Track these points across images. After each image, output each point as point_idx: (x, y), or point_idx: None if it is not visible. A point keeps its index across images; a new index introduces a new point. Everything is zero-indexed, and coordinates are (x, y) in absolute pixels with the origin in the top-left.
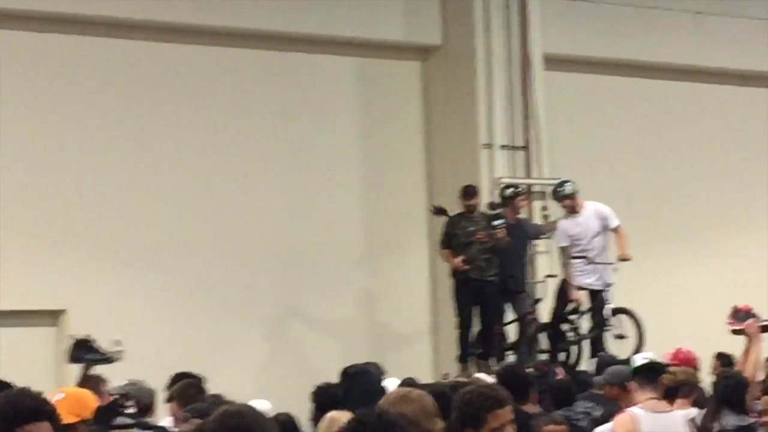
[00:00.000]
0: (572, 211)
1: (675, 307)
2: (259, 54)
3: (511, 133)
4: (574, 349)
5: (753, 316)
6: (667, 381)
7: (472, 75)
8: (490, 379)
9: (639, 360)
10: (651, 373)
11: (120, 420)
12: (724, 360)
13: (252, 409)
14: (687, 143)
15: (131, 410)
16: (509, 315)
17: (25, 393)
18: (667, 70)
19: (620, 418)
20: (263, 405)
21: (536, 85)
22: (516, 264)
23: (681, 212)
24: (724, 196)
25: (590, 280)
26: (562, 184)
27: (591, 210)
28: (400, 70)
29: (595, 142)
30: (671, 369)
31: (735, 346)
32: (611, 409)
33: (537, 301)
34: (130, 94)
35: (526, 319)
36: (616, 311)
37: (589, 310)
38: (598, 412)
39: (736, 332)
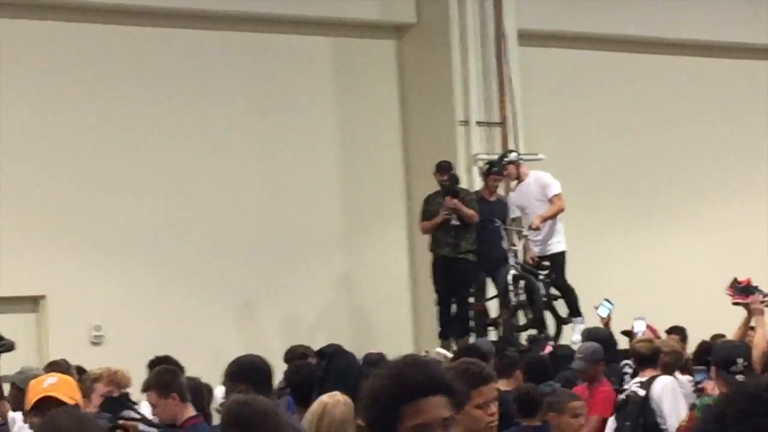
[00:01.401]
0: (516, 178)
1: (653, 280)
2: (233, 35)
3: (487, 110)
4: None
5: (753, 288)
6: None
7: (447, 52)
8: (449, 355)
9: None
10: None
11: (126, 413)
12: (678, 334)
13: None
14: (664, 117)
15: None
16: (492, 291)
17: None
18: (643, 43)
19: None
20: None
21: (511, 61)
22: (494, 240)
23: (659, 186)
24: (702, 170)
25: (537, 249)
26: (506, 152)
27: (533, 178)
28: (376, 49)
29: (571, 117)
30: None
31: (714, 318)
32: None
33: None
34: (104, 79)
35: (506, 295)
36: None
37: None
38: None
39: (737, 304)
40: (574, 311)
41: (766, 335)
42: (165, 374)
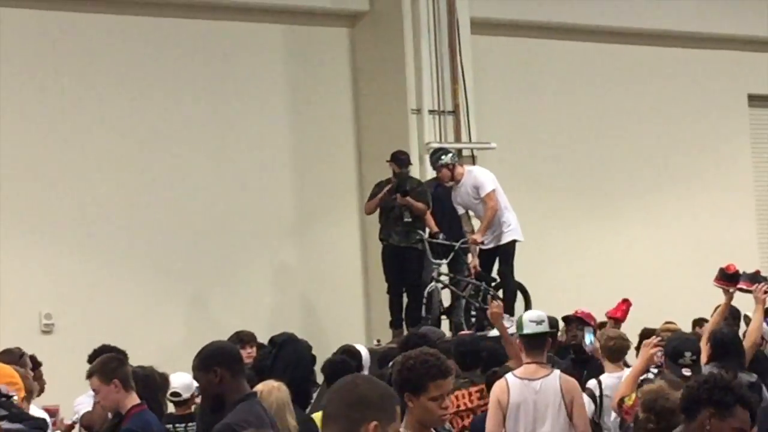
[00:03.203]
0: (449, 180)
1: (607, 271)
2: (185, 22)
3: (439, 98)
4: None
5: (760, 277)
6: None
7: (399, 41)
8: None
9: (527, 324)
10: (540, 336)
11: None
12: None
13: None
14: (617, 106)
15: None
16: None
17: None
18: (595, 32)
19: (496, 385)
20: (184, 378)
21: (464, 50)
22: (450, 228)
23: (610, 177)
24: (653, 161)
25: (491, 244)
26: (439, 154)
27: (467, 178)
28: (328, 37)
29: (524, 106)
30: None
31: (662, 309)
32: None
33: (464, 264)
34: (53, 65)
35: (460, 284)
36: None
37: None
38: None
39: (741, 290)
40: (507, 307)
41: (761, 324)
42: (109, 362)
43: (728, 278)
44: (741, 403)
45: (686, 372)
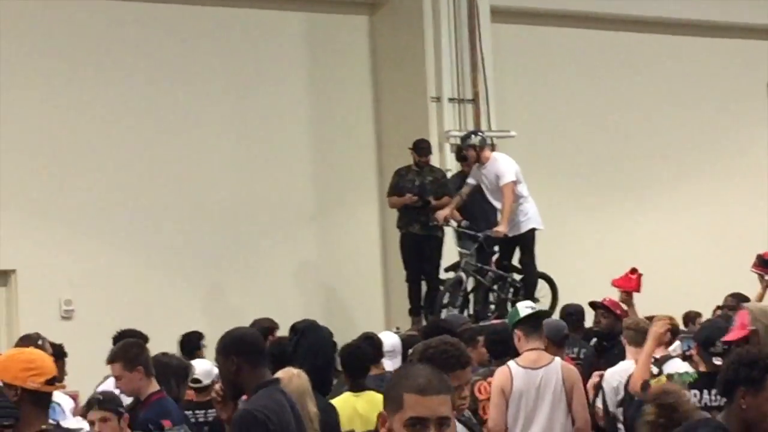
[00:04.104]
0: (474, 161)
1: (627, 258)
2: (205, 10)
3: (459, 86)
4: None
5: None
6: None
7: (419, 28)
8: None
9: (523, 309)
10: (535, 321)
11: None
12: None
13: None
14: (637, 94)
15: None
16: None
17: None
18: (615, 21)
19: (499, 372)
20: (204, 364)
21: (484, 38)
22: (475, 216)
23: (631, 164)
24: (674, 148)
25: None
26: (469, 133)
27: (493, 164)
28: (348, 25)
29: (543, 94)
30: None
31: (683, 296)
32: None
33: (494, 253)
34: (73, 53)
35: (482, 271)
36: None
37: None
38: None
39: None
40: (527, 295)
41: None
42: (132, 347)
43: (766, 264)
44: None
45: (717, 361)
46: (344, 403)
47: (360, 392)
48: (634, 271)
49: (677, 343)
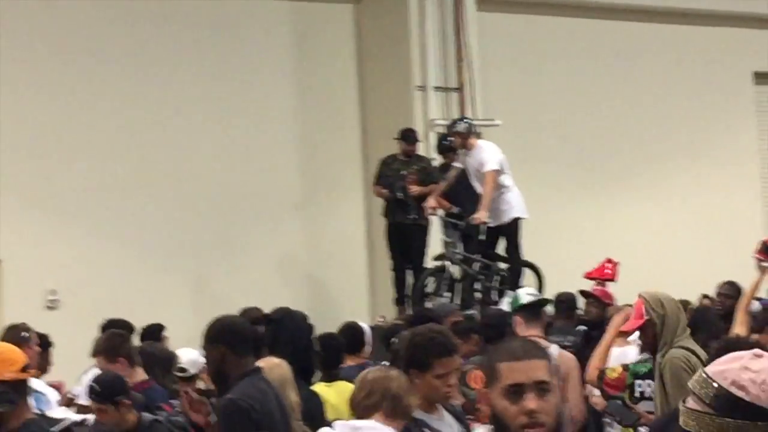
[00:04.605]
0: (460, 147)
1: (613, 247)
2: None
3: (444, 75)
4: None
5: None
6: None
7: (404, 17)
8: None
9: (524, 296)
10: (535, 308)
11: None
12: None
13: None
14: (622, 83)
15: None
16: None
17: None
18: (601, 9)
19: None
20: (190, 354)
21: (469, 26)
22: (463, 204)
23: (617, 153)
24: (661, 137)
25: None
26: (456, 120)
27: (478, 152)
28: (333, 13)
29: (529, 82)
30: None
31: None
32: None
33: (482, 242)
34: (58, 44)
35: (468, 260)
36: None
37: None
38: None
39: None
40: (512, 284)
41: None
42: (113, 338)
43: None
44: None
45: None
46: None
47: (332, 382)
48: (609, 261)
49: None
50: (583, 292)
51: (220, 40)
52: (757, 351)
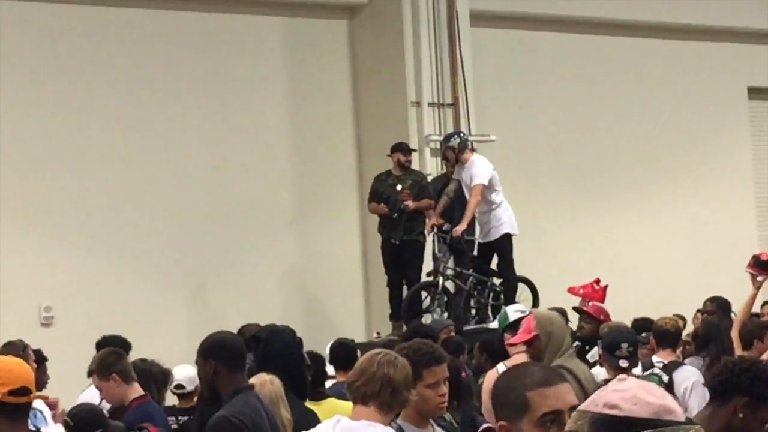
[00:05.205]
0: (454, 162)
1: (607, 264)
2: (182, 15)
3: (439, 91)
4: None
5: None
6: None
7: (399, 33)
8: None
9: (512, 313)
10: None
11: None
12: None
13: None
14: (616, 98)
15: None
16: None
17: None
18: (595, 24)
19: (489, 374)
20: (188, 370)
21: (463, 42)
22: (459, 219)
23: (611, 169)
24: (655, 152)
25: (481, 239)
26: (450, 135)
27: (470, 165)
28: (327, 30)
29: (523, 98)
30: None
31: (661, 301)
32: None
33: (475, 258)
34: (50, 59)
35: (462, 276)
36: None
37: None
38: None
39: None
40: (508, 299)
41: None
42: (107, 357)
43: (761, 265)
44: None
45: (623, 363)
46: None
47: (320, 400)
48: (597, 281)
49: (595, 348)
50: (576, 309)
51: (215, 56)
52: (621, 376)
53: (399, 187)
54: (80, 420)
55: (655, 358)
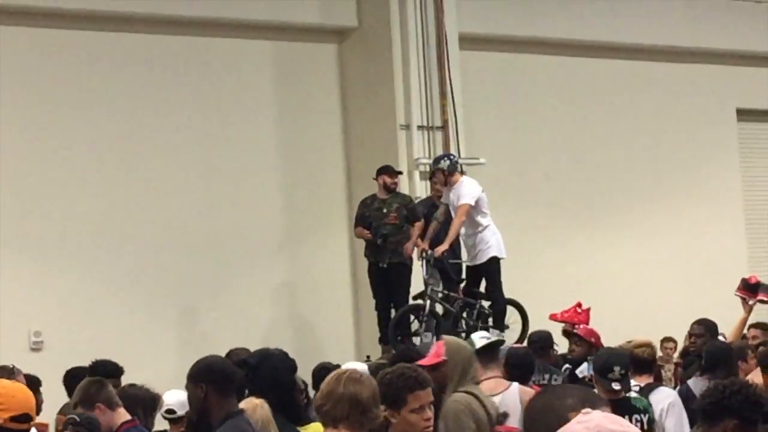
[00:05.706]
0: (443, 184)
1: (597, 286)
2: (174, 39)
3: (428, 114)
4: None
5: (759, 286)
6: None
7: (388, 56)
8: (362, 367)
9: (478, 340)
10: (491, 350)
11: None
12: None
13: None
14: (606, 120)
15: None
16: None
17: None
18: (582, 47)
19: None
20: (178, 395)
21: (452, 65)
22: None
23: (600, 191)
24: (644, 174)
25: (468, 262)
26: (440, 157)
27: (458, 186)
28: (317, 53)
29: (512, 121)
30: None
31: (654, 324)
32: None
33: (462, 280)
34: (38, 84)
35: (449, 298)
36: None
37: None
38: None
39: (762, 302)
40: (497, 322)
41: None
42: (89, 387)
43: (750, 288)
44: (765, 420)
45: (615, 386)
46: None
47: (306, 425)
48: (579, 305)
49: (584, 365)
50: (565, 333)
51: (204, 80)
52: (587, 408)
53: (385, 211)
54: None
55: (632, 382)
